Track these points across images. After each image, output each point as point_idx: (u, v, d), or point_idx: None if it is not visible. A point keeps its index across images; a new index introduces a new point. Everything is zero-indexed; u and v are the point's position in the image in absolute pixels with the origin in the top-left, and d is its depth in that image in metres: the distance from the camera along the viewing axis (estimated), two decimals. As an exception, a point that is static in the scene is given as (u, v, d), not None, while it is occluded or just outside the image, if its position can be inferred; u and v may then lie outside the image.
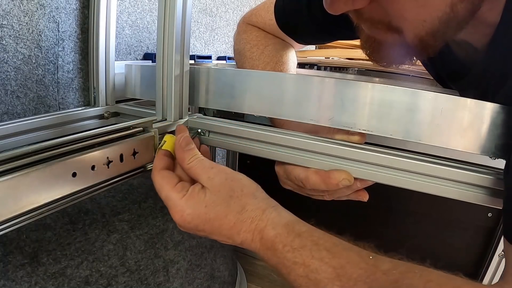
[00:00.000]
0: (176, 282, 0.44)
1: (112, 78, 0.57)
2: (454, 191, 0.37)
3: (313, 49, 1.15)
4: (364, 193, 0.44)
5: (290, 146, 0.42)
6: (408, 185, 0.39)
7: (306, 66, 0.92)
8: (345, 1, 0.36)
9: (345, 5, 0.36)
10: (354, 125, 0.40)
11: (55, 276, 0.35)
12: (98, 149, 0.33)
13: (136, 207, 0.46)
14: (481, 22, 0.38)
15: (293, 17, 0.56)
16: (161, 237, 0.45)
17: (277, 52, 0.57)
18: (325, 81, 0.41)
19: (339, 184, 0.40)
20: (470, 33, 0.40)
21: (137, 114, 0.55)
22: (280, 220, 0.35)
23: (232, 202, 0.35)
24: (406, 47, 0.39)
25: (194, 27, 0.92)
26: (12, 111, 0.48)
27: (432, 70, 0.61)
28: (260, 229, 0.34)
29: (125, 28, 0.67)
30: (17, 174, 0.26)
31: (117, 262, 0.40)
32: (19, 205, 0.27)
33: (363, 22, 0.39)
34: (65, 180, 0.30)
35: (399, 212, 0.71)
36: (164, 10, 0.42)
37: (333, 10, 0.37)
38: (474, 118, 0.36)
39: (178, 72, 0.44)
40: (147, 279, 0.41)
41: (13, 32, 0.46)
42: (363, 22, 0.39)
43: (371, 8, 0.36)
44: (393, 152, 0.39)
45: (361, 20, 0.39)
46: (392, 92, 0.38)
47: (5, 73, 0.46)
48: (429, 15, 0.34)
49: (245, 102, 0.46)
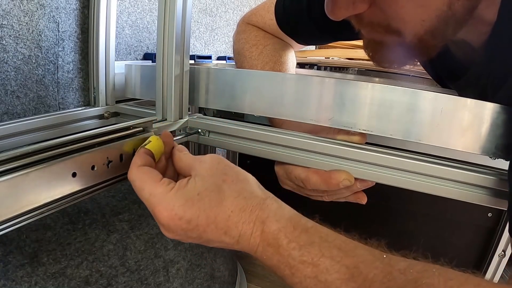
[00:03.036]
0: (176, 282, 0.44)
1: (112, 78, 0.57)
2: (454, 191, 0.38)
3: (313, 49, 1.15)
4: (363, 196, 0.44)
5: (290, 146, 0.42)
6: (409, 185, 0.39)
7: (306, 66, 0.92)
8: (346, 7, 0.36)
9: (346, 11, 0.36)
10: (354, 125, 0.40)
11: (55, 276, 0.35)
12: (98, 149, 0.33)
13: (136, 207, 0.46)
14: (478, 20, 0.38)
15: (293, 17, 0.56)
16: (161, 237, 0.45)
17: (276, 52, 0.58)
18: (325, 81, 0.41)
19: (340, 184, 0.40)
20: (467, 31, 0.40)
21: (137, 114, 0.55)
22: (284, 212, 0.31)
23: (226, 187, 0.31)
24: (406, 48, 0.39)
25: (194, 27, 0.92)
26: (12, 111, 0.48)
27: (431, 70, 0.61)
28: (261, 220, 0.30)
29: (125, 28, 0.67)
30: (17, 174, 0.26)
31: (117, 262, 0.40)
32: (19, 205, 0.27)
33: (363, 27, 0.40)
34: (65, 180, 0.30)
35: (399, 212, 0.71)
36: (164, 10, 0.42)
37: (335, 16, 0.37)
38: (474, 118, 0.36)
39: (178, 72, 0.44)
40: (147, 279, 0.41)
41: (13, 32, 0.46)
42: (363, 27, 0.40)
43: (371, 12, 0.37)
44: (394, 152, 0.39)
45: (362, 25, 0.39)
46: (392, 92, 0.38)
47: (5, 73, 0.46)
48: (427, 15, 0.35)
49: (245, 102, 0.46)
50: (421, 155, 0.39)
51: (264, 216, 0.30)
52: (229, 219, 0.30)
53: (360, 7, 0.36)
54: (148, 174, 0.32)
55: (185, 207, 0.30)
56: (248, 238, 0.30)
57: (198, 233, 0.30)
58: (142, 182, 0.31)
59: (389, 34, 0.38)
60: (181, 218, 0.30)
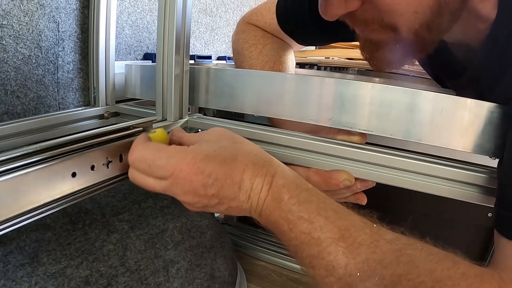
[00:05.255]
0: (176, 282, 0.44)
1: (112, 78, 0.57)
2: (455, 190, 0.38)
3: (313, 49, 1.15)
4: (363, 196, 0.45)
5: (290, 146, 0.42)
6: (409, 185, 0.39)
7: (306, 66, 0.92)
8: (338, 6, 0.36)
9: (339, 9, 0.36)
10: (354, 125, 0.40)
11: (55, 276, 0.35)
12: (98, 149, 0.33)
13: (136, 207, 0.46)
14: (474, 16, 0.38)
15: (294, 17, 0.56)
16: (161, 237, 0.45)
17: (275, 52, 0.58)
18: (325, 81, 0.41)
19: (340, 184, 0.40)
20: (465, 29, 0.40)
21: (137, 114, 0.55)
22: (289, 171, 0.33)
23: (237, 146, 0.33)
24: (403, 46, 0.39)
25: (194, 27, 0.92)
26: (12, 111, 0.48)
27: (430, 70, 0.61)
28: (272, 174, 0.32)
29: (125, 28, 0.67)
30: (17, 174, 0.26)
31: (117, 262, 0.40)
32: (19, 205, 0.27)
33: (357, 25, 0.40)
34: (65, 180, 0.30)
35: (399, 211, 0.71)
36: (164, 10, 0.42)
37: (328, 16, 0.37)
38: (474, 118, 0.36)
39: (178, 72, 0.44)
40: (147, 279, 0.41)
41: (13, 32, 0.46)
42: (357, 25, 0.40)
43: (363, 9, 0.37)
44: (394, 152, 0.39)
45: (356, 23, 0.39)
46: (392, 92, 0.38)
47: (5, 73, 0.46)
48: (420, 5, 0.35)
49: (245, 102, 0.46)
50: (421, 155, 0.39)
51: (273, 171, 0.32)
52: (244, 172, 0.31)
53: (353, 5, 0.36)
54: (155, 145, 0.32)
55: (206, 161, 0.30)
56: (259, 192, 0.31)
57: (216, 189, 0.31)
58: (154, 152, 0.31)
59: (385, 31, 0.38)
60: (203, 171, 0.30)
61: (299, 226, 0.30)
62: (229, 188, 0.31)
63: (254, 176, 0.31)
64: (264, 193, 0.31)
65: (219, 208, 0.32)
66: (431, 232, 0.32)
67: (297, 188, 0.31)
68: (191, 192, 0.31)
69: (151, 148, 0.32)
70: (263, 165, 0.32)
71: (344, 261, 0.29)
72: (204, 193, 0.31)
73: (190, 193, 0.31)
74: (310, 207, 0.30)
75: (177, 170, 0.30)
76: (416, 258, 0.29)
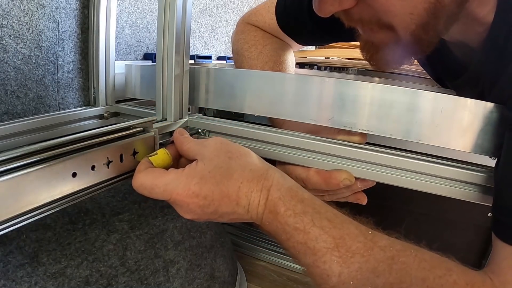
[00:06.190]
0: (176, 282, 0.44)
1: (112, 78, 0.57)
2: (455, 190, 0.38)
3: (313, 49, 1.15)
4: (363, 196, 0.45)
5: (290, 146, 0.42)
6: (409, 185, 0.39)
7: (306, 66, 0.92)
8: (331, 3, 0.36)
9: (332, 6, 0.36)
10: (354, 125, 0.40)
11: (55, 276, 0.35)
12: (98, 149, 0.33)
13: (136, 207, 0.46)
14: (472, 19, 0.38)
15: (294, 17, 0.56)
16: (161, 237, 0.45)
17: (275, 52, 0.57)
18: (325, 81, 0.41)
19: (340, 183, 0.40)
20: (464, 31, 0.41)
21: (137, 114, 0.55)
22: (284, 181, 0.34)
23: (233, 163, 0.34)
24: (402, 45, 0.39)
25: (194, 27, 0.92)
26: (12, 111, 0.48)
27: (430, 70, 0.61)
28: (267, 188, 0.33)
29: (125, 28, 0.67)
30: (17, 174, 0.26)
31: (117, 262, 0.40)
32: (19, 205, 0.27)
33: (354, 23, 0.40)
34: (65, 180, 0.30)
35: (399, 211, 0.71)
36: (164, 10, 0.42)
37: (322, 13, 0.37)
38: (474, 118, 0.36)
39: (178, 72, 0.44)
40: (147, 279, 0.41)
41: (13, 32, 0.46)
42: (354, 24, 0.40)
43: (359, 8, 0.37)
44: (394, 152, 0.39)
45: (352, 22, 0.39)
46: (392, 92, 0.38)
47: (5, 73, 0.46)
48: (414, 8, 0.35)
49: (245, 102, 0.46)
50: (421, 155, 0.39)
51: (269, 184, 0.33)
52: (240, 190, 0.33)
53: (347, 3, 0.36)
54: (154, 172, 0.34)
55: (200, 184, 0.32)
56: (257, 206, 0.33)
57: (214, 208, 0.32)
58: (152, 179, 0.33)
59: (382, 30, 0.38)
60: (198, 195, 0.32)
61: (295, 236, 0.31)
62: (227, 206, 0.33)
63: (250, 192, 0.33)
64: (261, 207, 0.33)
65: (221, 220, 0.34)
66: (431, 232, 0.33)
67: (292, 200, 0.33)
68: (191, 212, 0.33)
69: (150, 176, 0.33)
70: (258, 180, 0.33)
71: (338, 270, 0.30)
72: (202, 212, 0.33)
73: (190, 212, 0.33)
74: (306, 218, 0.32)
75: (174, 194, 0.32)
76: (409, 266, 0.30)
